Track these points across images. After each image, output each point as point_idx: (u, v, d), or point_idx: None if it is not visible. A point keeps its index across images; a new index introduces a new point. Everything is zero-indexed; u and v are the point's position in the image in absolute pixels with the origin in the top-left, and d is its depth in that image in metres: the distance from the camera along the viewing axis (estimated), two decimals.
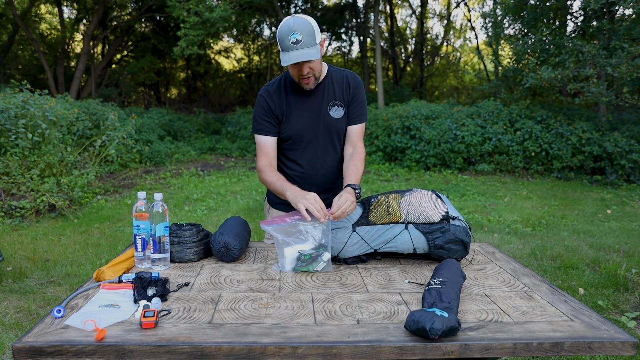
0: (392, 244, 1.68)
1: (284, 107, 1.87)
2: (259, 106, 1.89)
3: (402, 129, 9.58)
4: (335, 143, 1.95)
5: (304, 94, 1.88)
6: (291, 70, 1.78)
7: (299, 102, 1.88)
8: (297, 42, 1.64)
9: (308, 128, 1.89)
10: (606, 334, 1.20)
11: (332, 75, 1.91)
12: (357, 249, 1.69)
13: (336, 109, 1.90)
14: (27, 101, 6.21)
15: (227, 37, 19.85)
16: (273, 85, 1.91)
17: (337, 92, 1.90)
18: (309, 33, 1.66)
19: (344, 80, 1.91)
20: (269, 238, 2.08)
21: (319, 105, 1.88)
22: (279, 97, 1.88)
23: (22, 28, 14.41)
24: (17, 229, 4.88)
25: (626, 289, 3.35)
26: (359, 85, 1.94)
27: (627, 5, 7.49)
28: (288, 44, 1.65)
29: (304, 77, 1.77)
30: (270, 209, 2.09)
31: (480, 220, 5.36)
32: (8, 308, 3.06)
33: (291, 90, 1.88)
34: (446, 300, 1.27)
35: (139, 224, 1.61)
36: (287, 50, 1.67)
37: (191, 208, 5.91)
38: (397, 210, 1.67)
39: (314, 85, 1.82)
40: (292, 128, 1.89)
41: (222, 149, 11.78)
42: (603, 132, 8.36)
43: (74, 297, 1.38)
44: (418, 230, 1.66)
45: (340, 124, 1.92)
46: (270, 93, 1.88)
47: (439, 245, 1.65)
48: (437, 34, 24.34)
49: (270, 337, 1.16)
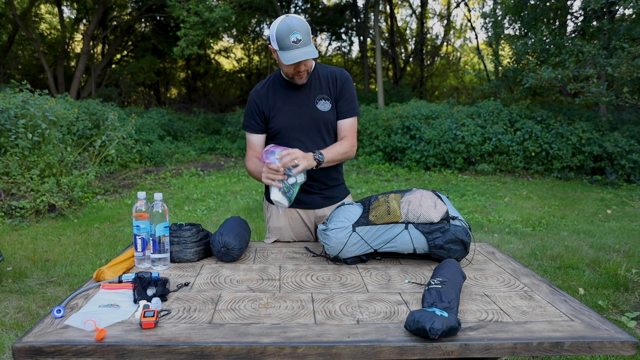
0: (392, 244, 1.68)
1: (272, 103, 1.95)
2: (248, 105, 2.00)
3: (402, 129, 9.58)
4: (324, 135, 1.97)
5: (292, 89, 1.94)
6: (288, 68, 1.82)
7: (286, 97, 1.94)
8: (298, 41, 1.71)
9: (295, 120, 1.93)
10: (606, 334, 1.20)
11: (319, 71, 1.97)
12: (357, 249, 1.69)
13: (323, 102, 1.95)
14: (27, 101, 6.21)
15: (227, 37, 19.86)
16: (262, 85, 1.99)
17: (323, 86, 1.96)
18: (307, 32, 1.73)
19: (329, 76, 1.97)
20: (269, 237, 2.09)
21: (306, 99, 1.94)
22: (266, 95, 1.96)
23: (22, 28, 14.41)
24: (17, 229, 4.88)
25: (626, 289, 3.35)
26: (347, 80, 1.98)
27: (627, 5, 7.49)
28: (289, 43, 1.71)
29: (300, 73, 1.83)
30: (269, 207, 2.11)
31: (480, 220, 5.36)
32: (8, 308, 3.06)
33: (280, 87, 1.95)
34: (446, 300, 1.27)
35: (138, 224, 1.61)
36: (289, 49, 1.72)
37: (191, 208, 5.91)
38: (397, 210, 1.67)
39: (306, 80, 1.89)
40: (280, 121, 1.94)
41: (222, 149, 11.78)
42: (603, 132, 8.36)
43: (74, 297, 1.38)
44: (418, 230, 1.66)
45: (329, 117, 1.96)
46: (259, 92, 1.97)
47: (439, 245, 1.65)
48: (437, 34, 24.37)
49: (270, 337, 1.16)
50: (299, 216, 2.07)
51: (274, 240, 2.07)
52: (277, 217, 2.07)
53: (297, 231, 2.08)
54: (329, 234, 1.69)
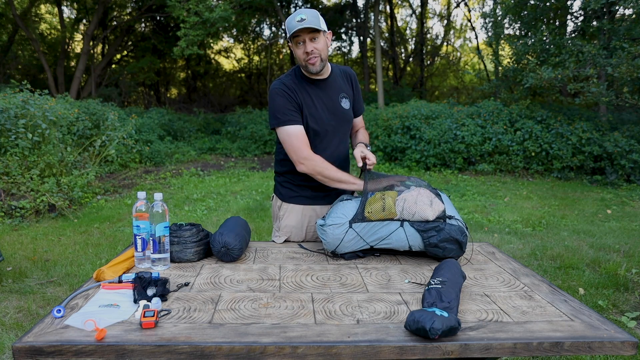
0: (387, 240, 1.70)
1: (302, 98, 1.89)
2: (280, 98, 1.86)
3: (402, 129, 9.57)
4: (347, 133, 2.07)
5: (315, 86, 1.94)
6: (298, 53, 1.84)
7: (315, 94, 1.92)
8: (302, 20, 1.76)
9: (328, 120, 1.95)
10: (606, 334, 1.20)
11: (335, 71, 2.02)
12: (353, 244, 1.72)
13: (345, 100, 2.00)
14: (27, 101, 6.21)
15: (227, 37, 19.85)
16: (287, 78, 1.93)
17: (342, 85, 2.01)
18: (314, 16, 1.79)
19: (343, 74, 2.05)
20: (279, 236, 2.05)
21: (332, 97, 1.97)
22: (296, 88, 1.89)
23: (22, 28, 14.40)
24: (17, 229, 4.88)
25: (626, 289, 3.35)
26: (356, 76, 2.11)
27: (627, 5, 7.49)
28: (294, 23, 1.77)
29: (309, 56, 1.81)
30: (283, 205, 2.06)
31: (480, 220, 5.36)
32: (8, 308, 3.06)
33: (305, 83, 1.93)
34: (446, 300, 1.27)
35: (138, 224, 1.61)
36: (294, 28, 1.78)
37: (191, 208, 5.91)
38: (392, 207, 1.68)
39: (320, 67, 1.85)
40: (315, 122, 1.91)
41: (222, 149, 11.78)
42: (603, 132, 8.36)
43: (74, 297, 1.38)
44: (413, 228, 1.67)
45: (350, 115, 2.04)
46: (287, 85, 1.88)
47: (434, 243, 1.66)
48: (437, 34, 24.38)
49: (270, 337, 1.16)
50: (316, 214, 2.04)
51: (284, 239, 2.04)
52: (291, 215, 2.03)
53: (309, 229, 2.06)
54: (326, 230, 1.71)
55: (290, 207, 2.04)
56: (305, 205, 2.03)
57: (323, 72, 1.93)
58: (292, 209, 2.04)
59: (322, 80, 1.95)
